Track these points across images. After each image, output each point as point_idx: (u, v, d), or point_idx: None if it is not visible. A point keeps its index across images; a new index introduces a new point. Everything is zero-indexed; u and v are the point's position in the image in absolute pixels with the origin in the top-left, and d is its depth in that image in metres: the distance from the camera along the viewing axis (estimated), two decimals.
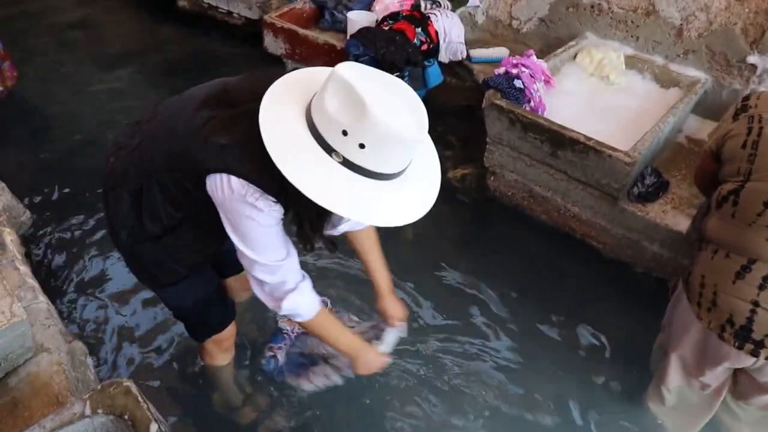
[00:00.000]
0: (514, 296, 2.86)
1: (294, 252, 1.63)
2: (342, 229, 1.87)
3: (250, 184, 1.42)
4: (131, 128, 1.76)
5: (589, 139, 2.78)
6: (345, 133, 1.25)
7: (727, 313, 1.80)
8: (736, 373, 2.03)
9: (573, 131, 2.83)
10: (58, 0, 5.11)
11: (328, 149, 1.29)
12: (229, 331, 2.08)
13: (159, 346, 2.56)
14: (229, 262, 1.85)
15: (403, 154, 1.32)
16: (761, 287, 1.73)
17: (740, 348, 1.80)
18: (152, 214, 1.66)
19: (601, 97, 3.29)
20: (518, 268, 2.99)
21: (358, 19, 3.46)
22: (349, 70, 1.29)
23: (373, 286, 2.08)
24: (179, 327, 2.46)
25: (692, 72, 3.36)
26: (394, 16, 3.42)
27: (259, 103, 1.34)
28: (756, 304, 1.74)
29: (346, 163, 1.28)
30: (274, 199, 1.44)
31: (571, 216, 3.07)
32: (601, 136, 2.84)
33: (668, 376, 2.11)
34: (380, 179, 1.31)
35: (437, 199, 1.48)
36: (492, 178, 3.28)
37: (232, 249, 1.61)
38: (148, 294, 2.69)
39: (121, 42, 4.61)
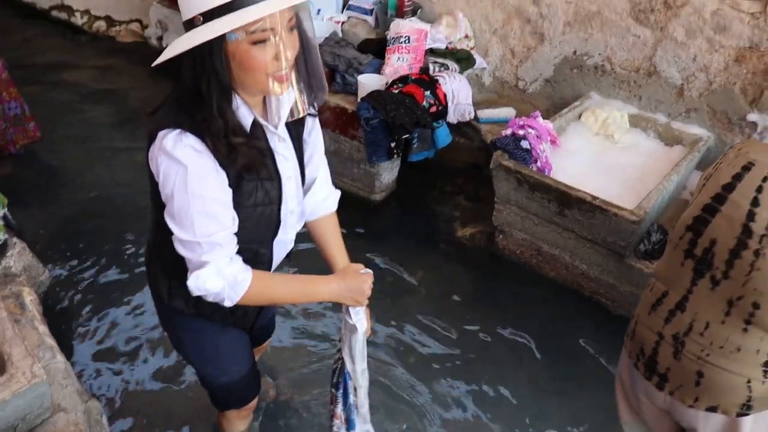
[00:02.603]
0: (525, 354, 2.88)
1: (228, 232, 1.48)
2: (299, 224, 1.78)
3: (168, 129, 1.39)
4: None
5: (595, 198, 2.84)
6: None
7: (640, 342, 1.84)
8: None
9: (579, 191, 2.89)
10: (78, 64, 5.29)
11: (191, 24, 1.33)
12: (252, 404, 2.09)
13: (175, 408, 2.58)
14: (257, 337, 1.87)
15: None
16: (666, 320, 1.75)
17: (649, 379, 1.81)
18: (181, 265, 1.57)
19: (606, 155, 3.36)
20: (528, 326, 3.01)
21: (368, 83, 3.57)
22: None
23: (331, 265, 1.86)
24: (196, 387, 2.49)
25: (695, 130, 3.43)
26: (403, 80, 3.52)
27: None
28: (660, 336, 1.76)
29: (207, 17, 1.30)
30: (191, 134, 1.39)
31: (580, 273, 3.11)
32: (607, 195, 2.89)
33: (619, 409, 2.09)
34: (242, 7, 1.29)
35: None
36: (501, 236, 3.34)
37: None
38: (165, 353, 2.74)
39: (138, 103, 4.74)
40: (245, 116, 1.46)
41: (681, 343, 1.72)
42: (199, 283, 1.46)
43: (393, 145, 3.39)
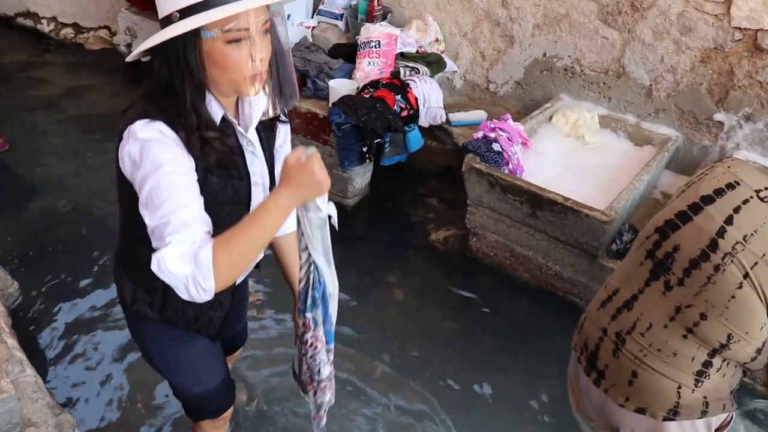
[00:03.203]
0: (499, 356, 2.89)
1: (195, 211, 1.37)
2: None
3: (139, 121, 1.38)
4: None
5: (567, 199, 2.86)
6: None
7: (585, 337, 1.87)
8: None
9: (551, 192, 2.91)
10: (46, 71, 5.22)
11: (167, 21, 1.34)
12: (227, 414, 2.06)
13: (149, 418, 2.55)
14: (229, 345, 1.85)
15: None
16: (613, 317, 1.78)
17: (588, 374, 1.84)
18: (147, 271, 1.46)
19: (577, 156, 3.39)
20: (503, 327, 3.03)
21: (339, 88, 3.56)
22: None
23: (293, 291, 1.87)
24: (170, 398, 2.47)
25: (664, 130, 3.48)
26: (374, 84, 3.52)
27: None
28: (604, 332, 1.79)
29: (183, 14, 1.32)
30: (161, 122, 1.37)
31: (553, 274, 3.13)
32: (579, 196, 2.92)
33: (570, 402, 2.12)
34: (218, 5, 1.31)
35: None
36: (474, 239, 3.35)
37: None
38: (137, 364, 2.70)
39: (108, 111, 4.68)
40: (216, 112, 1.46)
41: (622, 341, 1.75)
42: (162, 266, 1.31)
43: (365, 149, 3.39)
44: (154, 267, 1.32)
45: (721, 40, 3.14)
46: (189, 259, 1.31)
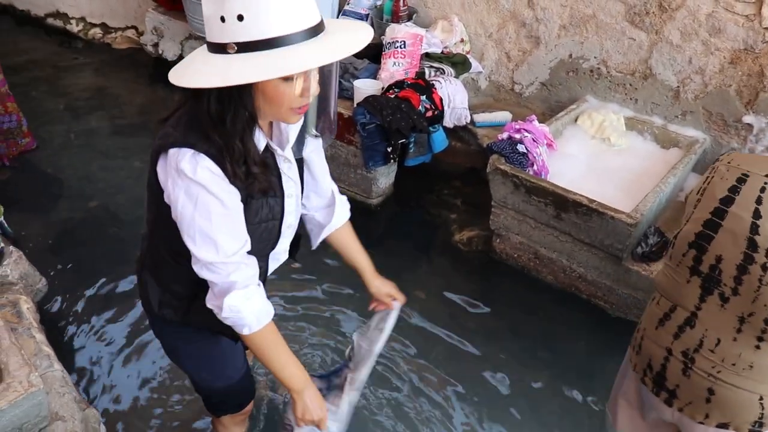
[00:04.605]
0: (523, 357, 2.87)
1: (247, 248, 1.51)
2: (322, 236, 1.91)
3: (182, 149, 1.38)
4: None
5: (592, 201, 2.85)
6: (222, 18, 1.26)
7: (647, 357, 1.81)
8: None
9: (576, 194, 2.89)
10: (74, 71, 5.29)
11: (221, 48, 1.29)
12: (247, 409, 2.08)
13: (171, 413, 2.57)
14: None
15: (286, 8, 1.27)
16: (676, 336, 1.73)
17: (657, 395, 1.80)
18: (175, 277, 1.68)
19: (602, 158, 3.36)
20: (526, 329, 3.01)
21: (364, 88, 3.57)
22: None
23: (360, 274, 2.02)
24: (192, 394, 2.49)
25: (691, 132, 3.44)
26: (399, 84, 3.52)
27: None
28: (669, 352, 1.75)
29: (242, 48, 1.27)
30: (192, 151, 1.38)
31: (577, 276, 3.11)
32: (604, 198, 2.90)
33: (618, 420, 2.08)
34: (283, 45, 1.27)
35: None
36: (498, 240, 3.34)
37: None
38: (162, 360, 2.73)
39: (134, 110, 4.74)
40: (259, 141, 1.48)
41: (691, 360, 1.70)
42: (235, 304, 1.48)
43: (389, 149, 3.39)
44: (226, 303, 1.48)
45: (752, 41, 3.10)
46: (252, 302, 1.51)
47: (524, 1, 3.76)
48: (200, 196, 1.40)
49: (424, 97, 3.44)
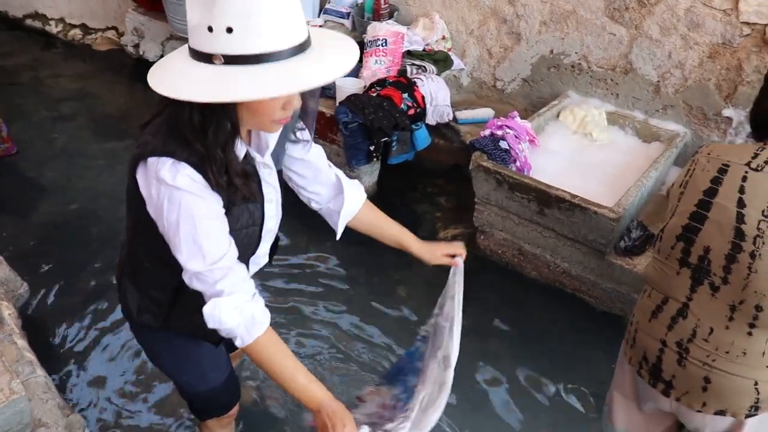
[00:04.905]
0: (508, 352, 2.88)
1: (233, 254, 1.47)
2: (340, 224, 1.86)
3: (150, 157, 1.37)
4: None
5: (575, 196, 2.86)
6: (210, 28, 1.23)
7: (642, 350, 1.83)
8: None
9: (559, 189, 2.90)
10: (54, 73, 5.24)
11: (207, 58, 1.26)
12: (233, 411, 2.07)
13: (157, 419, 2.56)
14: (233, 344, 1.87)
15: (277, 23, 1.25)
16: (669, 327, 1.74)
17: (654, 386, 1.81)
18: (153, 282, 1.67)
19: (585, 153, 3.38)
20: (511, 325, 3.03)
21: (346, 86, 3.57)
22: None
23: (405, 248, 1.99)
24: (178, 398, 2.47)
25: (672, 126, 3.46)
26: (381, 83, 3.52)
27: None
28: (664, 343, 1.76)
29: (229, 60, 1.24)
30: (172, 160, 1.36)
31: (561, 272, 3.12)
32: (587, 193, 2.91)
33: (614, 413, 2.09)
34: (270, 60, 1.25)
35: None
36: (482, 237, 3.34)
37: None
38: (146, 364, 2.71)
39: (116, 111, 4.71)
40: (240, 150, 1.47)
41: (685, 350, 1.72)
42: (215, 313, 1.42)
43: (372, 148, 3.39)
44: (207, 311, 1.42)
45: (730, 36, 3.12)
46: (241, 311, 1.43)
47: None
48: (182, 202, 1.37)
49: (406, 95, 3.44)
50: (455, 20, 4.01)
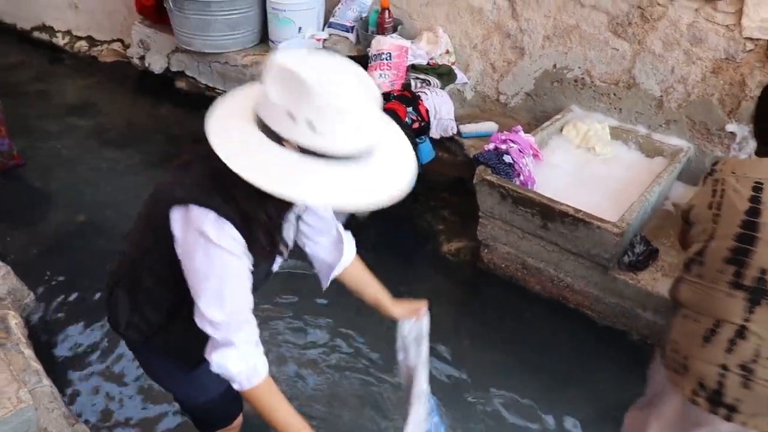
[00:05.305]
0: (511, 367, 2.89)
1: (245, 313, 1.52)
2: (331, 277, 1.90)
3: (194, 206, 1.38)
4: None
5: (578, 211, 2.87)
6: (291, 115, 1.21)
7: (697, 377, 1.77)
8: None
9: (562, 204, 2.91)
10: (60, 84, 5.28)
11: (278, 139, 1.25)
12: (237, 422, 2.07)
13: (162, 428, 2.57)
14: None
15: (358, 129, 1.25)
16: (728, 350, 1.71)
17: (714, 413, 1.76)
18: (151, 303, 1.67)
19: (588, 168, 3.39)
20: (514, 339, 3.03)
21: None
22: (285, 54, 1.27)
23: (380, 306, 2.02)
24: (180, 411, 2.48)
25: (675, 141, 3.47)
26: (385, 96, 3.54)
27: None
28: (725, 368, 1.72)
29: (302, 150, 1.23)
30: (216, 216, 1.37)
31: (565, 286, 3.13)
32: (590, 208, 2.92)
33: None
34: (340, 162, 1.25)
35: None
36: (485, 250, 3.36)
37: None
38: None
39: (121, 123, 4.74)
40: (291, 219, 1.55)
41: (750, 371, 1.69)
42: (222, 362, 1.48)
43: None
44: (215, 359, 1.49)
45: (733, 51, 3.15)
46: (245, 360, 1.50)
47: (508, 12, 3.80)
48: (218, 259, 1.40)
49: (410, 109, 3.46)
50: (459, 34, 4.04)
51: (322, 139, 1.22)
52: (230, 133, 1.29)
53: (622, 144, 3.57)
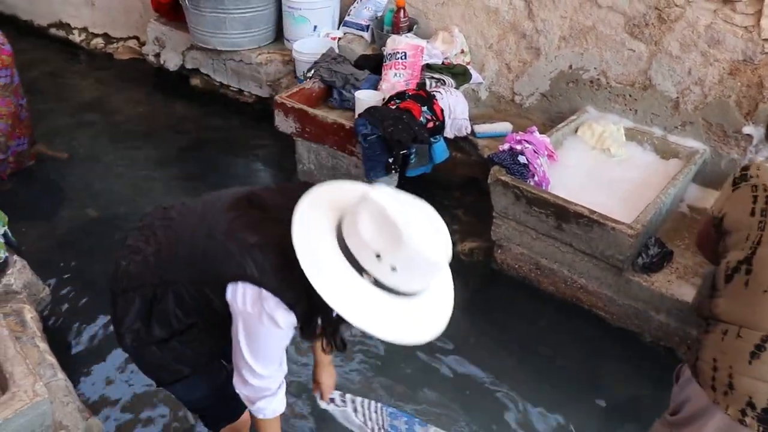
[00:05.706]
0: (522, 367, 2.88)
1: (285, 361, 1.71)
2: None
3: (269, 293, 1.46)
4: (144, 232, 1.77)
5: (593, 212, 2.86)
6: (378, 256, 1.33)
7: (746, 395, 1.70)
8: None
9: (577, 205, 2.91)
10: (76, 81, 5.31)
11: (360, 269, 1.35)
12: (245, 417, 2.06)
13: (175, 422, 2.58)
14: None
15: (431, 275, 1.42)
16: None
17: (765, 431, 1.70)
18: (162, 320, 1.69)
19: (603, 169, 3.38)
20: (527, 339, 3.02)
21: (365, 99, 3.59)
22: (382, 195, 1.36)
23: (315, 356, 2.14)
24: None
25: (691, 143, 3.45)
26: (400, 95, 3.54)
27: (289, 213, 1.40)
28: None
29: (377, 283, 1.35)
30: (287, 308, 1.48)
31: (578, 287, 3.12)
32: (605, 209, 2.91)
33: None
34: (405, 297, 1.38)
35: None
36: (499, 251, 3.35)
37: None
38: None
39: (136, 120, 4.76)
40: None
41: None
42: (264, 406, 1.72)
43: (391, 160, 3.40)
44: (259, 407, 1.73)
45: (751, 53, 3.13)
46: (282, 403, 1.77)
47: (524, 12, 3.79)
48: (276, 337, 1.57)
49: (425, 108, 3.46)
50: (474, 34, 4.03)
51: (399, 280, 1.35)
52: (316, 251, 1.38)
53: (638, 145, 3.56)
